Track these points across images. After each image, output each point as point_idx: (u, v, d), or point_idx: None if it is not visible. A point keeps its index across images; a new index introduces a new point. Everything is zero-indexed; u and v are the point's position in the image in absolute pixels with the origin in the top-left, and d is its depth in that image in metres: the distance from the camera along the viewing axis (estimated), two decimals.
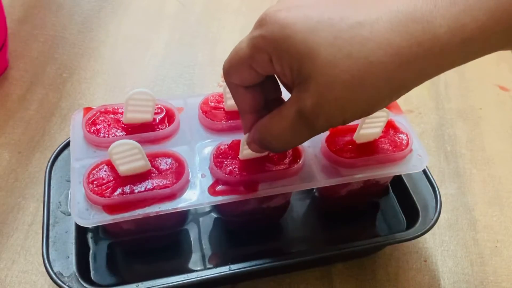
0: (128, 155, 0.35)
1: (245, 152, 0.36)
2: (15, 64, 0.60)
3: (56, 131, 0.53)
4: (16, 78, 0.59)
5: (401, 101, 0.61)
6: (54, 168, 0.43)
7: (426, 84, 0.64)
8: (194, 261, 0.42)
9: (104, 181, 0.36)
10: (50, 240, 0.39)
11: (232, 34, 0.69)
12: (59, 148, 0.44)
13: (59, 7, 0.70)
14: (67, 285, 0.36)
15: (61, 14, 0.69)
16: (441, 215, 0.42)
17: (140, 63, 0.63)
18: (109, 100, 0.58)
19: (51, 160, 0.43)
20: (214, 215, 0.45)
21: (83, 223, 0.34)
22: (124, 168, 0.36)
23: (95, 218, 0.34)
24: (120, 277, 0.41)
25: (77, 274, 0.37)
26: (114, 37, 0.67)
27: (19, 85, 0.58)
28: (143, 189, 0.36)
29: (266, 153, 0.38)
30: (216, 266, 0.38)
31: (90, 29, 0.67)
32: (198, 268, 0.41)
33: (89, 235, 0.42)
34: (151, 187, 0.36)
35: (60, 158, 0.44)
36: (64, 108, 0.56)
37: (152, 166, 0.37)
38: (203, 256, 0.42)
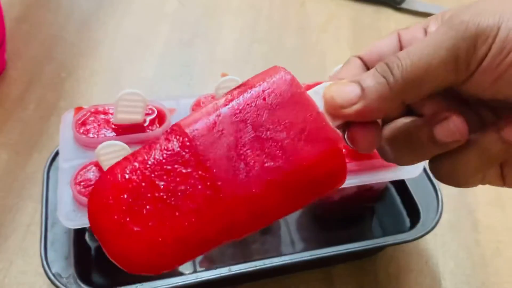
0: (116, 156, 0.35)
1: None
2: (13, 64, 0.60)
3: (55, 131, 0.53)
4: (14, 77, 0.59)
5: None
6: (52, 168, 0.43)
7: None
8: (194, 262, 0.42)
9: (92, 182, 0.36)
10: (48, 241, 0.39)
11: (232, 34, 0.68)
12: (57, 149, 0.43)
13: (58, 6, 0.69)
14: (66, 287, 0.36)
15: (59, 13, 0.68)
16: (442, 216, 0.42)
17: (139, 63, 0.63)
18: (108, 100, 0.57)
19: (49, 161, 0.43)
20: None
21: (69, 225, 0.34)
22: None
23: (81, 220, 0.34)
24: (119, 279, 0.40)
25: (75, 275, 0.37)
26: (113, 36, 0.66)
27: (17, 85, 0.58)
28: None
29: None
30: (215, 267, 0.38)
31: (89, 28, 0.67)
32: (198, 270, 0.41)
33: (88, 236, 0.42)
34: None
35: (58, 158, 0.43)
36: (62, 108, 0.56)
37: None
38: (202, 258, 0.42)
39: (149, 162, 0.24)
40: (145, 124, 0.40)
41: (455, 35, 0.23)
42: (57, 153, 0.43)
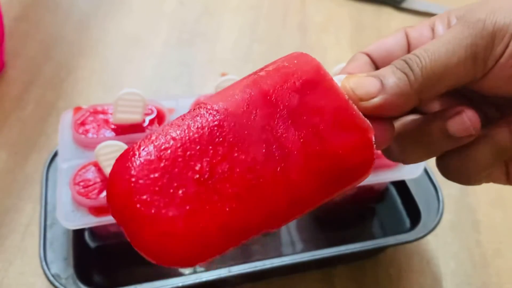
0: (115, 156, 0.34)
1: None
2: (12, 63, 0.60)
3: (53, 131, 0.53)
4: (13, 77, 0.58)
5: None
6: (51, 168, 0.42)
7: None
8: None
9: (91, 183, 0.36)
10: (47, 241, 0.38)
11: (231, 33, 0.68)
12: (56, 149, 0.43)
13: (57, 6, 0.69)
14: (65, 287, 0.36)
15: (58, 12, 0.68)
16: (443, 216, 0.42)
17: (138, 62, 0.63)
18: (107, 99, 0.57)
19: (48, 161, 0.43)
20: None
21: (68, 225, 0.34)
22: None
23: (80, 220, 0.34)
24: (118, 279, 0.40)
25: (74, 275, 0.37)
26: (112, 35, 0.66)
27: (16, 84, 0.57)
28: None
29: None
30: (215, 268, 0.38)
31: (88, 27, 0.66)
32: (198, 270, 0.41)
33: (87, 237, 0.42)
34: None
35: (57, 158, 0.43)
36: (61, 108, 0.55)
37: None
38: None
39: (181, 142, 0.22)
40: (145, 124, 0.40)
41: (473, 33, 0.23)
42: (56, 153, 0.43)
